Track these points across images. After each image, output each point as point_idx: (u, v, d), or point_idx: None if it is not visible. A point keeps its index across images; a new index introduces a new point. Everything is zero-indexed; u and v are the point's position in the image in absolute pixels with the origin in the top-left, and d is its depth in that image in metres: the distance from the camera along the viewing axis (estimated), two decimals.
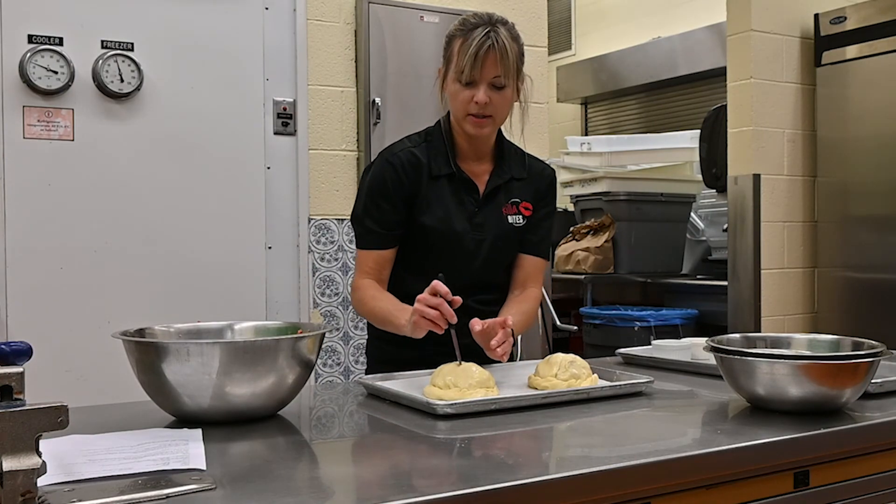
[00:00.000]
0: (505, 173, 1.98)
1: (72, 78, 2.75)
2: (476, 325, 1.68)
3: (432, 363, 1.71)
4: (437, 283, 1.66)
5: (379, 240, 1.91)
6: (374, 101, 3.20)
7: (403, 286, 1.93)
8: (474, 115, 1.85)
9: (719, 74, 4.34)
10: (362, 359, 3.23)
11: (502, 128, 2.01)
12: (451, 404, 1.43)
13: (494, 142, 1.99)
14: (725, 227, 3.88)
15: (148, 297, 2.88)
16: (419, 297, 1.67)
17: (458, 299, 1.67)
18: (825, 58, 3.71)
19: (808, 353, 1.54)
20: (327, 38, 3.21)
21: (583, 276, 4.60)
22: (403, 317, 1.76)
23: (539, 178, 2.04)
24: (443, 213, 1.91)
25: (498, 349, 1.68)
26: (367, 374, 2.04)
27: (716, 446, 1.26)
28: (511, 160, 2.00)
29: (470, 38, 1.81)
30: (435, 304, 1.64)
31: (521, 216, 1.98)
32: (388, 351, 1.98)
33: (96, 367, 2.75)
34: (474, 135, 1.90)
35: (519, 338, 2.72)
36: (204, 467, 1.11)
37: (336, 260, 3.23)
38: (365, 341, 2.16)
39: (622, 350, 2.13)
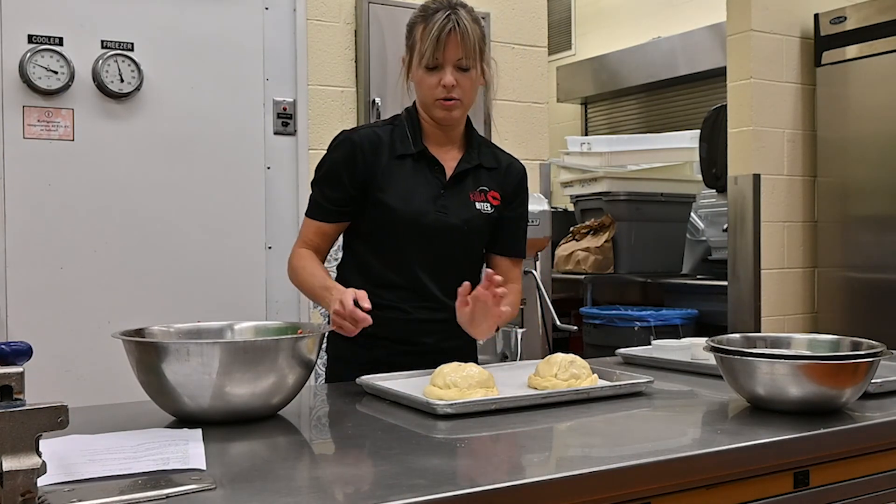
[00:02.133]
0: (473, 160, 1.95)
1: (72, 78, 2.74)
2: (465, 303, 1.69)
3: (397, 363, 1.72)
4: (347, 299, 1.64)
5: (323, 213, 1.91)
6: (374, 101, 3.20)
7: (370, 272, 1.92)
8: (442, 99, 1.84)
9: (719, 74, 4.34)
10: None
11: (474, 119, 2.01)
12: (451, 404, 1.43)
13: (463, 130, 1.97)
14: (725, 227, 3.88)
15: (148, 297, 2.88)
16: (335, 310, 1.66)
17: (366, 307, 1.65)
18: (825, 58, 3.71)
19: (808, 353, 1.54)
20: (327, 38, 3.21)
21: (583, 276, 4.60)
22: (328, 299, 1.75)
23: (509, 171, 2.00)
24: (404, 191, 1.87)
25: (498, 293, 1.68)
26: (327, 371, 1.99)
27: (716, 446, 1.26)
28: (480, 150, 1.98)
29: (431, 22, 1.82)
30: (342, 319, 1.64)
31: (489, 204, 1.94)
32: (349, 349, 1.89)
33: (96, 367, 2.75)
34: (444, 119, 1.88)
35: (519, 338, 2.71)
36: (204, 467, 1.11)
37: (336, 260, 3.21)
38: None
39: (622, 350, 2.13)
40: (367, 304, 1.64)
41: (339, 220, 1.92)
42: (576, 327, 4.29)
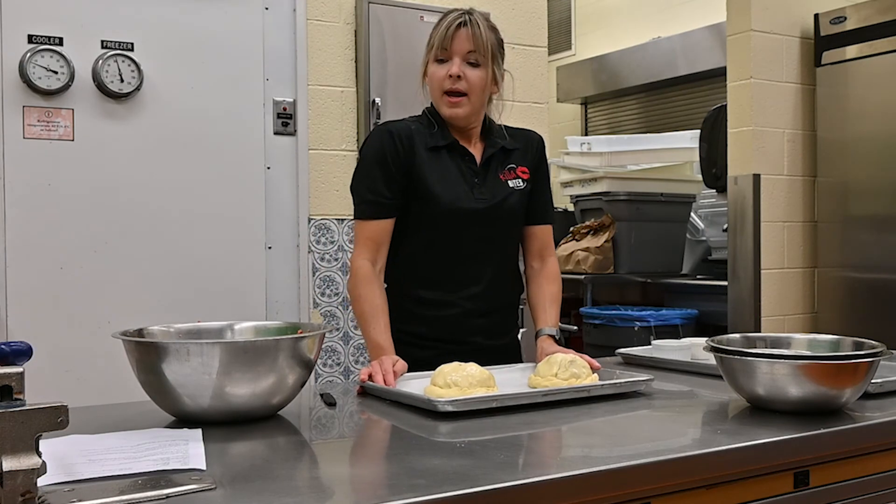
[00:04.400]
0: (496, 144, 2.02)
1: (72, 78, 2.74)
2: None
3: (447, 363, 1.73)
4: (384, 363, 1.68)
5: (374, 209, 1.92)
6: (374, 101, 3.20)
7: (416, 270, 1.96)
8: (448, 93, 1.89)
9: (719, 74, 4.33)
10: (362, 359, 3.23)
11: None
12: (453, 401, 1.43)
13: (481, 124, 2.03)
14: (725, 227, 3.87)
15: (148, 297, 2.88)
16: (378, 362, 1.70)
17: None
18: (825, 58, 3.71)
19: (808, 353, 1.54)
20: (327, 38, 3.21)
21: (583, 276, 4.60)
22: (377, 356, 1.79)
23: (528, 143, 2.08)
24: (443, 179, 1.93)
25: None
26: None
27: (716, 446, 1.26)
28: (498, 135, 2.05)
29: (445, 19, 1.91)
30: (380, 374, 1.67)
31: (520, 180, 2.02)
32: (399, 350, 1.92)
33: (96, 367, 2.75)
34: (450, 117, 1.93)
35: (519, 338, 2.71)
36: (204, 467, 1.11)
37: (336, 260, 3.22)
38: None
39: (622, 350, 2.13)
40: (399, 373, 1.68)
41: (390, 213, 1.93)
42: (576, 327, 4.30)
